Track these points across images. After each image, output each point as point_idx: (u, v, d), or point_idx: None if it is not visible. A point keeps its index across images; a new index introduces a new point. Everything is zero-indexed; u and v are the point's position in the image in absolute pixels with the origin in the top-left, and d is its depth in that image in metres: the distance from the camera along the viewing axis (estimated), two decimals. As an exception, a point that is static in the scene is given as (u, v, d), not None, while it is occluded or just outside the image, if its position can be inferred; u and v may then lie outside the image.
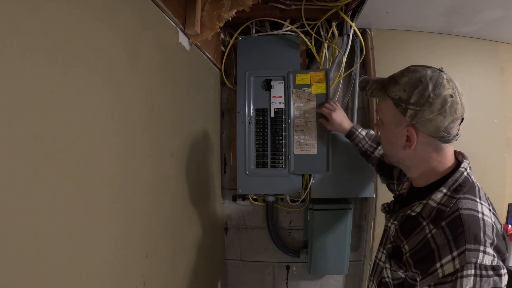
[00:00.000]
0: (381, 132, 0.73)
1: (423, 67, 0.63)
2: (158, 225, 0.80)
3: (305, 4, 1.25)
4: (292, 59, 1.32)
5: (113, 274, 0.60)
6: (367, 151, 1.06)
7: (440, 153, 0.63)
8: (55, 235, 0.45)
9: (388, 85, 0.65)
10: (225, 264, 1.57)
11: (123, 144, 0.64)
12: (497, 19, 1.20)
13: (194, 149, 1.10)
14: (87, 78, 0.53)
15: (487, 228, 0.56)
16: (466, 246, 0.54)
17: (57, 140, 0.46)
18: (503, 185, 1.37)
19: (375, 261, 0.77)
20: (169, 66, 0.88)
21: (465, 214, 0.57)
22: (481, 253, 0.53)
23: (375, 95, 0.69)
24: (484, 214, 0.57)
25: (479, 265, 0.53)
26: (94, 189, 0.54)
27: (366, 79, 0.71)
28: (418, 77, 0.60)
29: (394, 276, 0.68)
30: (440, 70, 0.61)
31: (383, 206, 0.79)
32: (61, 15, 0.46)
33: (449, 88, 0.59)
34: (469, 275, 0.52)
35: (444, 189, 0.61)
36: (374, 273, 0.77)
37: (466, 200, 0.59)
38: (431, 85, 0.59)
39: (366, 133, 1.07)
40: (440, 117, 0.59)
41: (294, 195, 1.43)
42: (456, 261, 0.54)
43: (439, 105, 0.58)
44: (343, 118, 1.12)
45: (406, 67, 0.65)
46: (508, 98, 1.38)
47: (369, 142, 1.06)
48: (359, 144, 1.07)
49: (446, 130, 0.60)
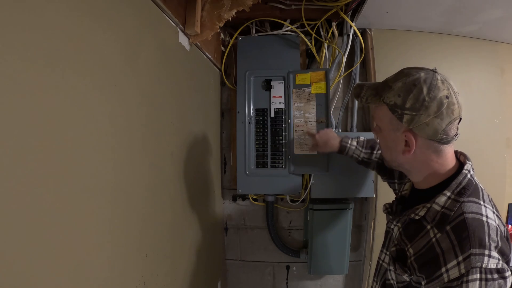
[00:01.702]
0: (379, 138, 0.72)
1: (416, 69, 0.61)
2: (158, 225, 0.80)
3: (305, 4, 1.25)
4: (292, 59, 1.32)
5: (113, 274, 0.61)
6: (364, 159, 1.04)
7: (440, 155, 0.63)
8: (55, 235, 0.45)
9: (383, 91, 0.63)
10: (225, 264, 1.57)
11: (123, 144, 0.64)
12: (497, 19, 1.20)
13: (194, 149, 1.10)
14: (87, 78, 0.53)
15: (492, 231, 0.55)
16: (472, 251, 0.53)
17: (56, 140, 0.46)
18: (503, 185, 1.37)
19: (378, 262, 0.77)
20: (169, 66, 0.88)
21: (469, 218, 0.56)
22: (486, 257, 0.53)
23: (370, 102, 0.67)
24: (488, 217, 0.57)
25: (485, 269, 0.53)
26: (94, 189, 0.54)
27: (360, 85, 0.69)
28: (412, 80, 0.59)
29: (399, 280, 0.68)
30: (433, 71, 0.60)
31: (384, 206, 0.78)
32: (61, 15, 0.46)
33: (444, 89, 0.58)
34: (474, 280, 0.53)
35: (448, 193, 0.60)
36: (378, 274, 0.76)
37: (470, 204, 0.58)
38: (425, 88, 0.57)
39: (357, 141, 1.05)
40: (437, 119, 0.58)
41: (294, 195, 1.43)
42: (461, 265, 0.54)
43: (435, 108, 0.57)
44: (328, 137, 1.09)
45: (399, 71, 0.64)
46: (508, 98, 1.38)
47: (363, 150, 1.03)
48: (354, 155, 1.05)
49: (445, 132, 0.59)
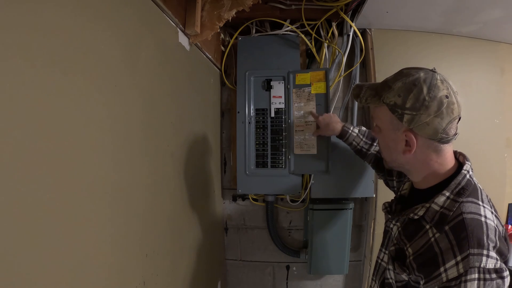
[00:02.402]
0: (379, 138, 0.72)
1: (415, 69, 0.62)
2: (157, 225, 0.80)
3: (305, 4, 1.25)
4: (292, 59, 1.32)
5: (113, 274, 0.61)
6: (363, 148, 1.03)
7: (440, 154, 0.63)
8: (54, 236, 0.45)
9: (382, 91, 0.64)
10: (225, 264, 1.57)
11: (123, 144, 0.64)
12: (497, 19, 1.20)
13: (194, 149, 1.10)
14: (87, 78, 0.53)
15: (490, 231, 0.56)
16: (470, 251, 0.54)
17: (56, 140, 0.46)
18: (503, 185, 1.37)
19: (377, 261, 0.78)
20: (169, 66, 0.88)
21: (468, 218, 0.57)
22: (485, 257, 0.54)
23: (369, 102, 0.67)
24: (487, 218, 0.57)
25: (483, 269, 0.53)
26: (93, 189, 0.54)
27: (359, 86, 0.70)
28: (412, 80, 0.60)
29: (398, 279, 0.69)
30: (433, 71, 0.61)
31: (384, 205, 0.78)
32: (61, 15, 0.46)
33: (444, 89, 0.58)
34: (473, 279, 0.53)
35: (447, 193, 0.61)
36: (377, 273, 0.77)
37: (469, 204, 0.59)
38: (425, 88, 0.58)
39: (359, 130, 1.04)
40: (438, 119, 0.58)
41: (294, 195, 1.43)
42: (460, 265, 0.54)
43: (435, 107, 0.58)
44: (330, 120, 1.09)
45: (398, 71, 0.64)
46: (508, 98, 1.38)
47: (363, 139, 1.02)
48: (354, 143, 1.03)
49: (445, 132, 0.59)
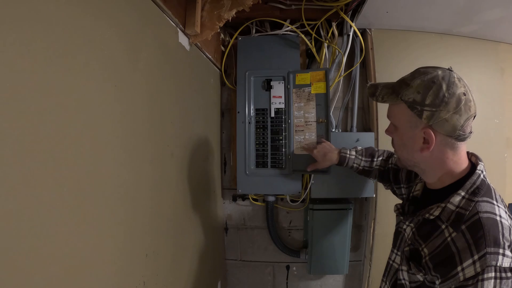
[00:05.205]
0: (394, 138, 0.72)
1: (432, 68, 0.63)
2: (158, 225, 0.80)
3: (305, 4, 1.25)
4: (292, 59, 1.32)
5: (113, 274, 0.61)
6: (365, 168, 1.01)
7: (456, 152, 0.64)
8: (56, 235, 0.45)
9: (400, 89, 0.64)
10: (225, 264, 1.57)
11: (123, 144, 0.64)
12: (497, 19, 1.20)
13: (194, 149, 1.10)
14: (87, 78, 0.53)
15: (505, 230, 0.57)
16: (487, 250, 0.55)
17: (57, 140, 0.46)
18: (503, 185, 1.37)
19: (388, 262, 0.77)
20: (169, 66, 0.88)
21: (484, 217, 0.57)
22: (501, 255, 0.54)
23: (386, 100, 0.68)
24: (502, 217, 0.58)
25: (499, 267, 0.54)
26: (94, 189, 0.54)
27: (375, 85, 0.70)
28: (431, 78, 0.61)
29: (412, 279, 0.69)
30: (449, 70, 0.62)
31: (396, 207, 0.79)
32: (61, 15, 0.46)
33: (461, 87, 0.60)
34: (489, 278, 0.54)
35: (462, 192, 0.61)
36: (388, 274, 0.77)
37: (485, 203, 0.59)
38: (444, 85, 0.59)
39: (356, 151, 1.04)
40: (456, 115, 0.59)
41: (294, 195, 1.43)
42: (477, 264, 0.55)
43: (454, 104, 0.59)
44: (326, 150, 1.08)
45: (415, 69, 0.65)
46: (508, 98, 1.38)
47: (363, 158, 1.01)
48: (355, 165, 1.02)
49: (462, 129, 0.61)
